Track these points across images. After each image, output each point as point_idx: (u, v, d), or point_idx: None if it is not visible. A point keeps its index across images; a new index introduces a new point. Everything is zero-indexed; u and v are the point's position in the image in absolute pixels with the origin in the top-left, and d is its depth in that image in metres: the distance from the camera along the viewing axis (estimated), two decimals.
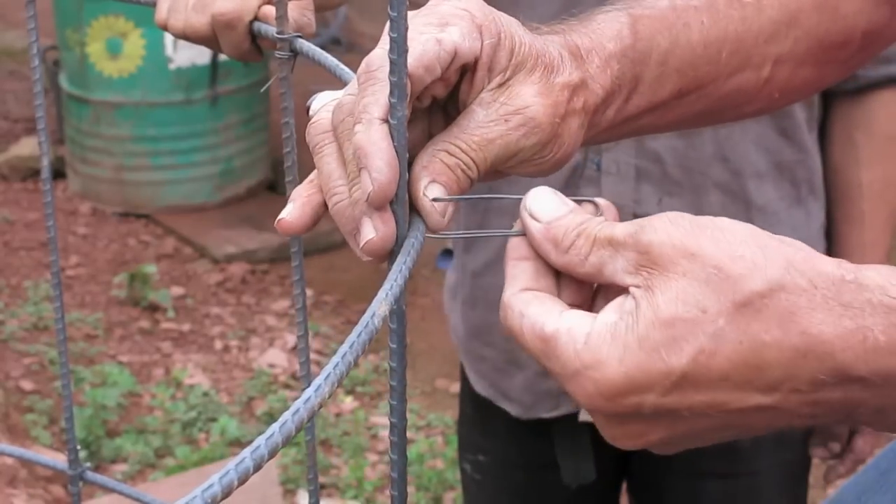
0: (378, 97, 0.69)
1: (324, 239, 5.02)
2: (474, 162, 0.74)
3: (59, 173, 5.78)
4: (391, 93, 0.65)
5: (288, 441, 0.45)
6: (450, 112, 0.77)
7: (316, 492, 0.76)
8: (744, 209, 1.68)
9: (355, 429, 3.89)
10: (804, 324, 0.63)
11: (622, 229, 0.69)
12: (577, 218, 0.72)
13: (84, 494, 3.51)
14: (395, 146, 0.68)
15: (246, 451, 0.44)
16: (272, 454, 0.44)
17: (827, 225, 1.81)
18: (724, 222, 0.67)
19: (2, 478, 3.43)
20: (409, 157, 0.70)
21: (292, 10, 1.16)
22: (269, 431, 0.45)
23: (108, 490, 0.92)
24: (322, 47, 0.90)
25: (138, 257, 5.11)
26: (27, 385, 4.13)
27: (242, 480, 0.43)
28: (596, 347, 0.65)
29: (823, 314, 0.63)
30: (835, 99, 1.79)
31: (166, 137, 5.46)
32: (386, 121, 0.68)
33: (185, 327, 4.60)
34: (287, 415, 0.46)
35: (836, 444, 1.85)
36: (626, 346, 0.64)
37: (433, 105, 0.76)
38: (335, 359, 0.51)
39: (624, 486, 2.01)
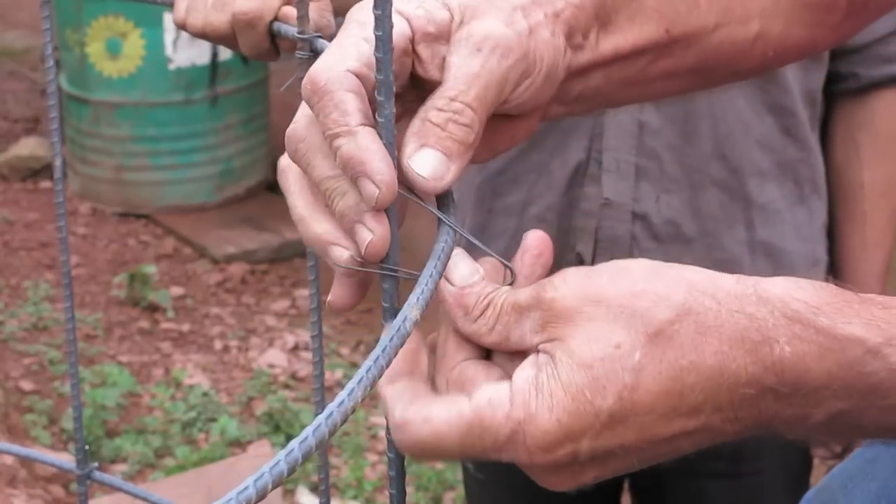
0: (345, 107, 0.67)
1: None
2: (467, 106, 0.70)
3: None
4: (378, 91, 0.64)
5: (324, 442, 0.45)
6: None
7: (327, 491, 0.76)
8: (742, 207, 1.68)
9: (355, 429, 3.89)
10: (715, 342, 0.64)
11: (525, 294, 0.69)
12: (486, 287, 0.71)
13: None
14: (385, 144, 0.67)
15: (294, 443, 0.44)
16: (307, 453, 0.44)
17: (829, 225, 1.81)
18: (623, 263, 0.69)
19: (2, 478, 3.43)
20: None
21: (312, 12, 1.16)
22: (308, 427, 0.45)
23: (113, 490, 0.92)
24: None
25: (138, 257, 5.11)
26: (27, 385, 4.13)
27: (292, 469, 0.43)
28: (524, 403, 0.65)
29: (731, 329, 0.65)
30: (837, 99, 1.79)
31: (166, 137, 5.46)
32: (365, 125, 0.67)
33: (185, 327, 4.60)
34: (321, 418, 0.46)
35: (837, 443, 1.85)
36: (553, 395, 0.65)
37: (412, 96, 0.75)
38: (367, 362, 0.51)
39: (625, 486, 2.01)
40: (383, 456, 3.82)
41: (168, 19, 5.18)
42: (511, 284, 0.72)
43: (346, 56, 0.70)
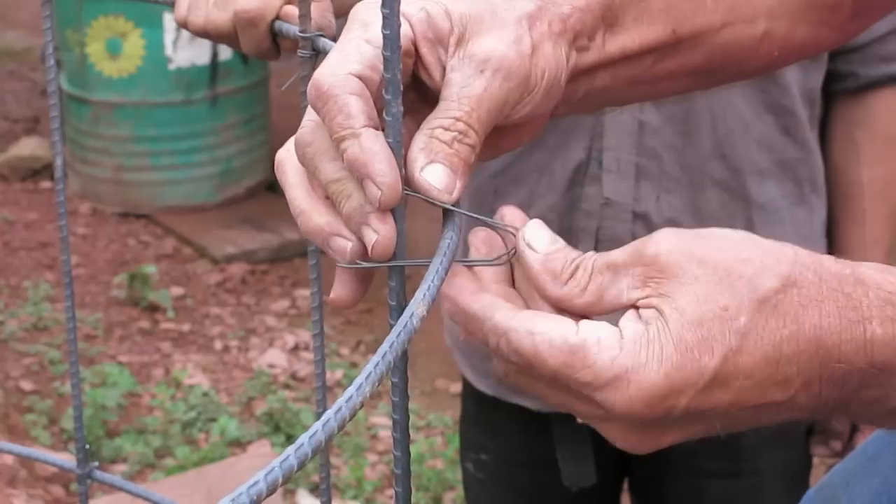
0: (349, 110, 0.68)
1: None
2: (470, 127, 0.72)
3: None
4: (385, 89, 0.65)
5: (332, 436, 0.45)
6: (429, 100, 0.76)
7: (328, 490, 0.76)
8: (743, 207, 1.68)
9: (355, 429, 3.89)
10: (815, 316, 0.66)
11: (620, 252, 0.70)
12: (571, 252, 0.72)
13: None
14: (390, 143, 0.68)
15: (304, 437, 0.44)
16: (317, 448, 0.44)
17: (828, 223, 1.81)
18: (722, 231, 0.70)
19: (2, 478, 3.43)
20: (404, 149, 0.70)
21: (313, 11, 1.16)
22: (312, 429, 0.45)
23: (113, 490, 0.92)
24: None
25: (138, 257, 5.11)
26: (27, 385, 4.13)
27: (302, 464, 0.43)
28: (634, 352, 0.66)
29: (830, 306, 0.66)
30: (835, 98, 1.79)
31: (166, 137, 5.46)
32: (368, 127, 0.68)
33: (185, 327, 4.60)
34: (329, 413, 0.46)
35: (837, 442, 1.85)
36: (664, 349, 0.65)
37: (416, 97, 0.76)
38: (375, 358, 0.51)
39: (625, 485, 2.01)
40: (383, 456, 3.82)
41: (168, 19, 5.18)
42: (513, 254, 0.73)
43: (348, 59, 0.70)
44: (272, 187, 5.53)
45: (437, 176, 0.70)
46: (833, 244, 1.82)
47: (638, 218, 1.65)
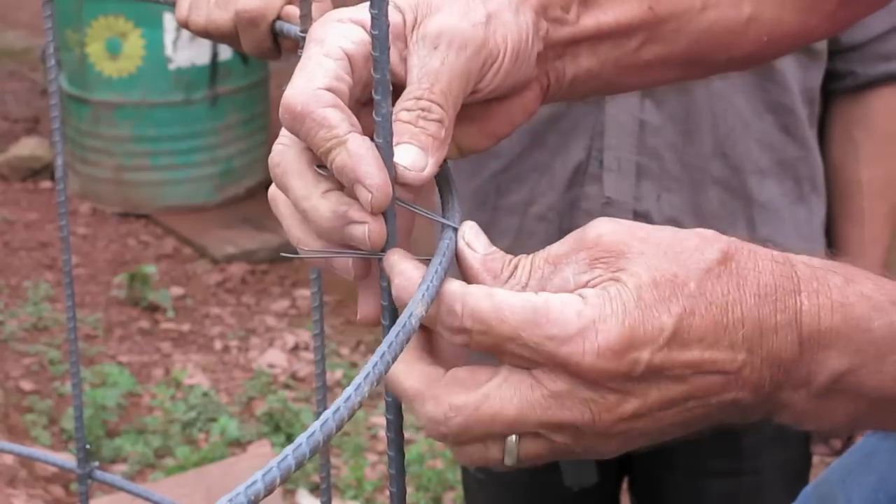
0: (329, 122, 0.69)
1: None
2: (433, 102, 0.72)
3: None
4: (375, 90, 0.66)
5: (331, 437, 0.45)
6: None
7: (328, 489, 0.76)
8: (743, 205, 1.69)
9: (355, 429, 3.89)
10: (754, 286, 0.69)
11: (559, 245, 0.72)
12: (508, 255, 0.73)
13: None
14: (380, 143, 0.68)
15: (302, 437, 0.44)
16: (315, 449, 0.44)
17: (827, 222, 1.81)
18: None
19: (2, 478, 3.43)
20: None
21: (314, 12, 1.17)
22: (310, 429, 0.45)
23: (113, 489, 0.92)
24: None
25: (138, 257, 5.11)
26: (27, 385, 4.13)
27: (300, 464, 0.44)
28: (599, 306, 0.67)
29: (766, 277, 0.69)
30: (834, 97, 1.80)
31: (166, 137, 5.46)
32: (353, 132, 0.68)
33: (185, 327, 4.60)
34: (327, 414, 0.46)
35: (837, 441, 1.85)
36: (626, 305, 0.67)
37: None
38: (374, 358, 0.51)
39: (625, 485, 2.01)
40: (383, 456, 3.82)
41: (168, 19, 5.18)
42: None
43: (312, 76, 0.71)
44: None
45: (405, 155, 0.70)
46: (832, 243, 1.82)
47: (639, 217, 1.65)
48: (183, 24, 1.32)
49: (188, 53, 5.30)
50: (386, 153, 0.68)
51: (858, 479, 0.81)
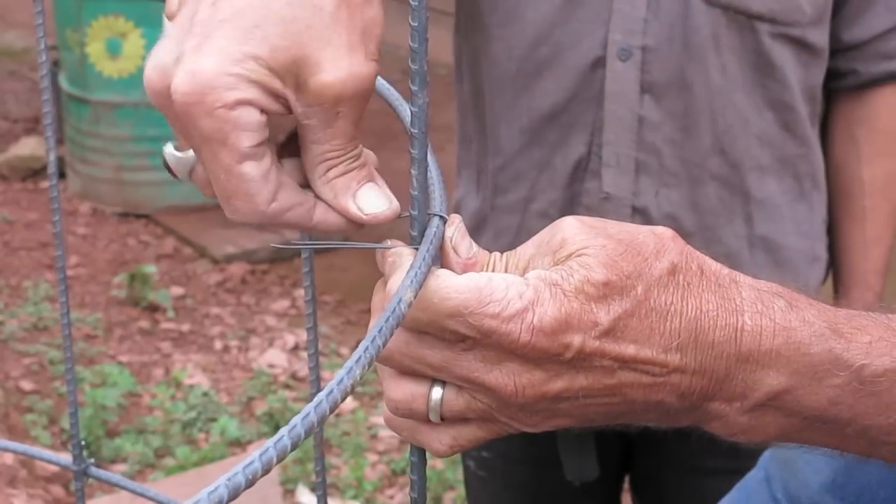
0: (232, 140, 0.69)
1: (323, 239, 5.02)
2: (350, 141, 0.72)
3: (58, 173, 5.77)
4: (412, 80, 0.66)
5: (325, 419, 0.45)
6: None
7: (324, 483, 0.76)
8: (742, 202, 1.68)
9: (355, 429, 3.89)
10: (697, 301, 0.72)
11: (526, 247, 0.74)
12: (485, 254, 0.74)
13: (85, 494, 3.51)
14: (415, 132, 0.68)
15: (284, 430, 0.44)
16: (309, 430, 0.44)
17: (829, 221, 1.81)
18: (616, 221, 0.76)
19: (2, 478, 3.43)
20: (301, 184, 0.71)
21: None
22: (292, 422, 0.45)
23: (111, 488, 0.92)
24: None
25: (138, 257, 5.11)
26: (27, 385, 4.13)
27: (281, 457, 0.44)
28: (540, 289, 0.70)
29: (710, 295, 0.72)
30: (836, 95, 1.79)
31: (166, 137, 5.43)
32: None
33: (185, 327, 4.60)
34: (322, 395, 0.47)
35: None
36: (565, 294, 0.70)
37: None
38: (365, 342, 0.52)
39: (626, 484, 2.01)
40: (383, 456, 3.81)
41: None
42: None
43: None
44: None
45: (372, 200, 0.73)
46: (834, 243, 1.82)
47: (637, 212, 1.65)
48: (171, 20, 1.32)
49: None
50: (420, 144, 0.68)
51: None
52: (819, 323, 0.73)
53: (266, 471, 0.43)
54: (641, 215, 1.65)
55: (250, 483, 0.42)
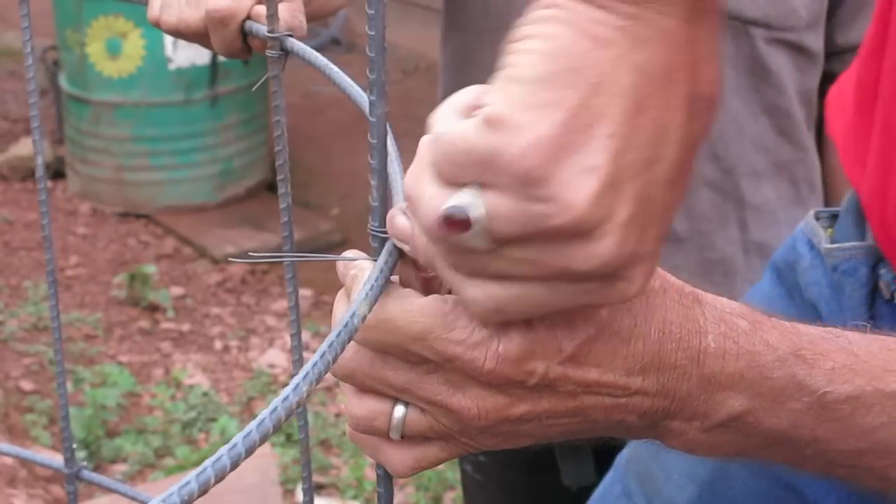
0: None
1: (323, 239, 5.03)
2: None
3: (58, 173, 5.78)
4: (370, 90, 0.66)
5: (265, 439, 0.46)
6: None
7: (310, 490, 0.76)
8: (735, 208, 1.68)
9: None
10: (660, 322, 0.71)
11: None
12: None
13: (83, 495, 3.50)
14: (375, 143, 0.68)
15: (224, 449, 0.45)
16: (249, 452, 0.45)
17: None
18: None
19: (2, 478, 3.44)
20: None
21: (283, 12, 1.18)
22: (248, 428, 0.46)
23: (107, 490, 0.92)
24: (322, 48, 0.90)
25: (138, 257, 5.12)
26: (27, 385, 4.13)
27: (220, 478, 0.44)
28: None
29: (673, 315, 0.72)
30: None
31: (166, 137, 5.46)
32: None
33: (185, 327, 4.61)
34: (265, 413, 0.47)
35: None
36: (529, 323, 0.69)
37: None
38: (314, 357, 0.52)
39: None
40: None
41: None
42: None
43: None
44: (272, 187, 5.54)
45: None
46: None
47: None
48: (154, 24, 1.33)
49: (188, 53, 5.30)
50: (380, 154, 0.68)
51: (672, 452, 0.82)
52: (783, 347, 0.73)
53: (203, 491, 0.43)
54: None
55: (203, 492, 0.42)
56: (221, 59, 5.33)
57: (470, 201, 0.62)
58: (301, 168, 5.59)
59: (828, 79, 1.75)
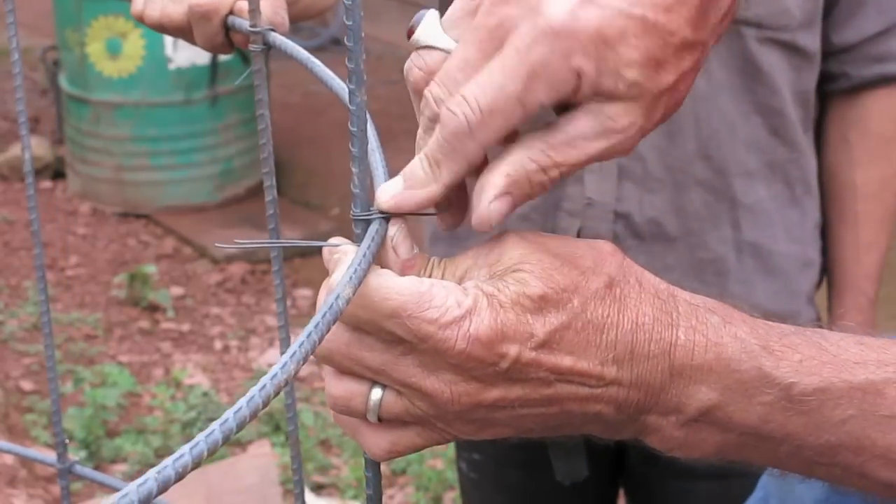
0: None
1: (323, 239, 5.02)
2: (561, 174, 0.73)
3: (59, 173, 5.79)
4: (349, 79, 0.66)
5: (255, 415, 0.46)
6: None
7: (301, 482, 0.77)
8: (728, 207, 1.67)
9: None
10: (633, 314, 0.73)
11: (464, 257, 0.75)
12: (423, 259, 0.75)
13: (84, 495, 3.50)
14: (356, 131, 0.68)
15: (215, 424, 0.45)
16: (240, 427, 0.45)
17: (823, 225, 1.80)
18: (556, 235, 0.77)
19: (2, 478, 3.44)
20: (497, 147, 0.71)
21: (265, 8, 1.19)
22: (238, 404, 0.46)
23: (102, 486, 0.92)
24: (322, 47, 0.91)
25: (138, 257, 5.12)
26: (27, 385, 4.14)
27: (212, 451, 0.44)
28: (478, 299, 0.70)
29: (647, 308, 0.73)
30: (828, 98, 1.79)
31: (166, 137, 5.47)
32: None
33: (185, 327, 4.61)
34: (254, 389, 0.47)
35: None
36: (502, 306, 0.70)
37: None
38: (300, 338, 0.53)
39: (620, 492, 2.01)
40: None
41: None
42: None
43: None
44: None
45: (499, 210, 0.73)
46: (828, 248, 1.81)
47: (620, 218, 1.64)
48: (138, 19, 1.34)
49: (188, 53, 5.31)
50: (361, 141, 0.69)
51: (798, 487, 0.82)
52: (750, 340, 0.74)
53: (161, 490, 0.43)
54: (624, 220, 1.64)
55: (162, 490, 0.43)
56: (222, 58, 5.34)
57: None
58: (301, 168, 5.59)
59: (824, 78, 1.75)
